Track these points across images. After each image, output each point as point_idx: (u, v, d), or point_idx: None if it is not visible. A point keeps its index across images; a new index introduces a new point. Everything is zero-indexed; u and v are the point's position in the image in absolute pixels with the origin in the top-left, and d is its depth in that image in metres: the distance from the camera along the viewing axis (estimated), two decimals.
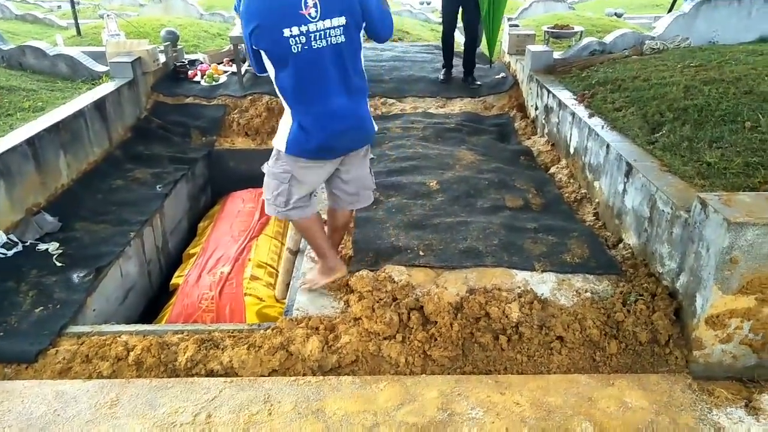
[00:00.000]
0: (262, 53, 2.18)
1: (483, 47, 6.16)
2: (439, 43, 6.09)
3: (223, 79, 5.76)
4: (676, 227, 2.46)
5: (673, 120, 3.31)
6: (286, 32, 2.08)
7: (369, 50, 7.12)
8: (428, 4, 15.48)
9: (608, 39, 5.41)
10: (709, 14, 5.20)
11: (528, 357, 2.35)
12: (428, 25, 10.83)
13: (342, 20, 2.16)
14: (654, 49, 5.14)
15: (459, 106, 5.50)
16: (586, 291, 2.60)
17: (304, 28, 2.10)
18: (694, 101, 3.42)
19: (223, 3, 11.56)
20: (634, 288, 2.58)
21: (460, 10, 5.53)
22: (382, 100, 5.57)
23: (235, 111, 5.29)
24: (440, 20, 11.87)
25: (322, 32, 2.13)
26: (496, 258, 2.85)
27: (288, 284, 3.05)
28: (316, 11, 2.10)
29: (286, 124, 2.34)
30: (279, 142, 2.37)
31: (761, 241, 2.06)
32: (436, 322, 2.45)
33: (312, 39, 2.12)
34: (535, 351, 2.36)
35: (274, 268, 3.64)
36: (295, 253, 3.15)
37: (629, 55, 5.13)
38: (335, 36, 2.17)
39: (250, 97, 5.33)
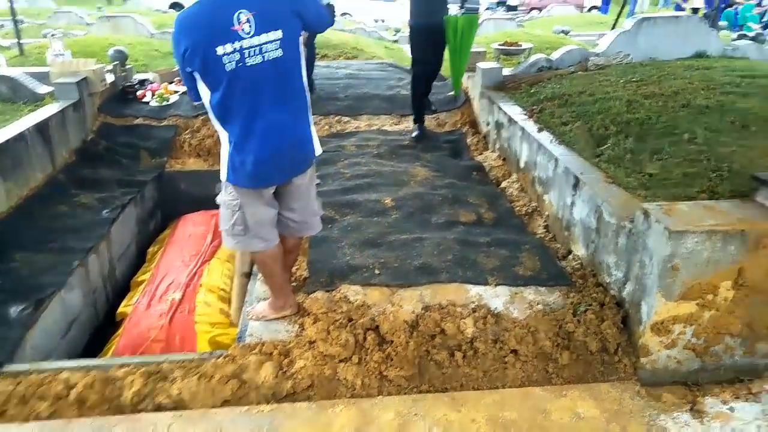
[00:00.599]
0: (196, 76, 2.10)
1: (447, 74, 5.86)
2: (394, 61, 6.12)
3: (174, 98, 5.66)
4: (621, 237, 2.53)
5: (617, 133, 3.42)
6: (219, 50, 2.01)
7: (323, 68, 7.14)
8: (382, 22, 15.67)
9: (555, 56, 5.57)
10: (649, 31, 5.42)
11: (483, 372, 2.36)
12: (382, 43, 10.94)
13: (278, 34, 2.10)
14: (598, 65, 5.32)
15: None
16: (538, 303, 2.64)
17: (237, 45, 2.03)
18: (636, 115, 3.55)
19: (173, 21, 11.42)
20: (583, 298, 2.63)
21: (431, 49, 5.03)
22: (337, 117, 5.57)
23: (187, 131, 5.19)
24: (394, 38, 12.04)
25: (257, 48, 2.07)
26: (451, 274, 2.87)
27: (242, 308, 2.99)
28: (250, 26, 2.04)
29: (224, 151, 2.24)
30: (222, 172, 2.28)
31: (700, 248, 2.13)
32: (392, 342, 2.44)
33: (246, 55, 2.05)
34: (490, 366, 2.38)
35: (227, 292, 3.56)
36: (248, 275, 3.10)
37: (575, 71, 5.30)
38: (272, 51, 2.10)
39: (202, 117, 5.24)
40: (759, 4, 16.38)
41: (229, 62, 2.03)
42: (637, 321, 2.35)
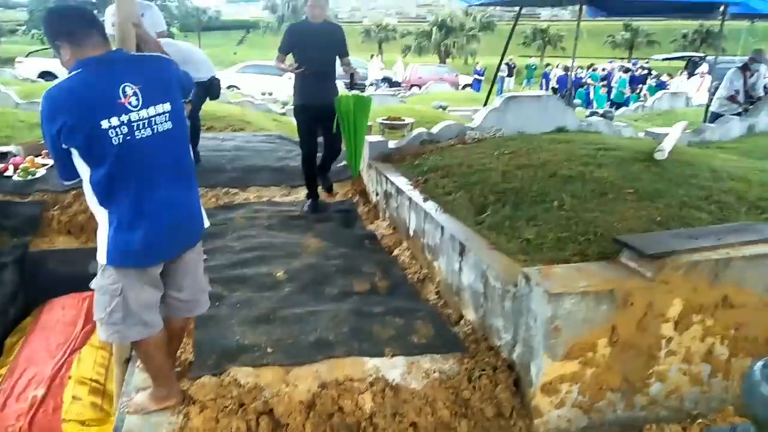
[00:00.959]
0: (74, 152, 1.97)
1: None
2: (283, 133, 6.15)
3: (41, 172, 5.22)
4: (507, 301, 2.66)
5: (495, 202, 3.66)
6: (105, 124, 1.92)
7: (209, 140, 7.01)
8: (270, 95, 15.88)
9: (436, 129, 5.93)
10: (516, 108, 5.97)
11: None
12: (271, 115, 11.04)
13: (167, 106, 2.08)
14: (475, 138, 5.74)
15: (304, 193, 5.56)
16: (434, 371, 2.65)
17: (125, 118, 1.96)
18: (510, 184, 3.83)
19: (43, 91, 10.74)
20: (477, 363, 2.69)
21: (318, 130, 4.96)
22: (224, 189, 5.44)
23: (56, 207, 4.78)
24: (282, 111, 12.21)
25: (146, 120, 2.02)
26: (347, 347, 2.82)
27: None
28: (137, 99, 1.99)
29: (103, 232, 2.08)
30: (100, 254, 2.10)
31: (576, 308, 2.29)
32: (288, 425, 2.31)
33: (135, 129, 1.98)
34: None
35: (101, 384, 3.21)
36: (127, 360, 2.82)
37: (454, 143, 5.66)
38: (161, 123, 2.06)
39: (74, 192, 4.87)
40: (605, 85, 18.84)
41: (116, 136, 1.95)
42: (528, 383, 2.44)
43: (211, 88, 5.78)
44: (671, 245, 2.50)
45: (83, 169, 2.01)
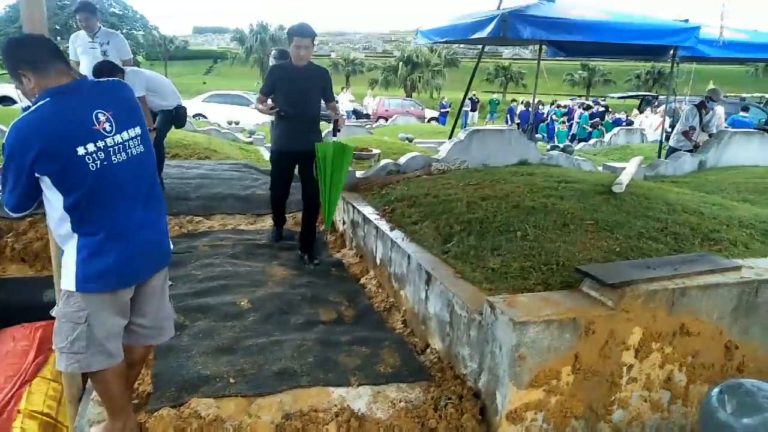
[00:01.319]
0: (45, 181, 1.96)
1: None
2: (249, 161, 6.11)
3: None
4: (472, 329, 2.67)
5: (461, 231, 3.71)
6: (81, 150, 1.94)
7: (174, 168, 6.93)
8: (237, 123, 15.84)
9: (402, 160, 6.01)
10: (480, 141, 6.12)
11: None
12: (236, 144, 10.99)
13: (138, 130, 2.14)
14: (440, 169, 5.84)
15: (269, 222, 5.51)
16: (400, 401, 2.63)
17: (101, 144, 1.99)
18: (475, 215, 3.90)
19: (2, 118, 10.44)
20: (443, 392, 2.69)
21: (293, 177, 4.65)
22: (188, 217, 5.35)
23: (10, 234, 4.61)
24: (249, 140, 12.17)
25: (121, 145, 2.06)
26: (312, 377, 2.77)
27: None
28: (111, 125, 2.03)
29: (70, 258, 2.06)
30: (66, 280, 2.07)
31: (541, 336, 2.32)
32: None
33: (111, 153, 2.02)
34: None
35: (53, 418, 3.05)
36: (79, 398, 2.70)
37: (420, 174, 5.75)
38: (135, 147, 2.11)
39: (30, 219, 4.71)
40: (564, 122, 19.50)
41: (93, 162, 1.97)
42: (494, 411, 2.44)
43: (177, 117, 5.75)
44: (630, 275, 2.58)
45: (54, 197, 1.99)
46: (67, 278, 2.07)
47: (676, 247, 3.24)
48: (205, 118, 16.81)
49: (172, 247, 2.37)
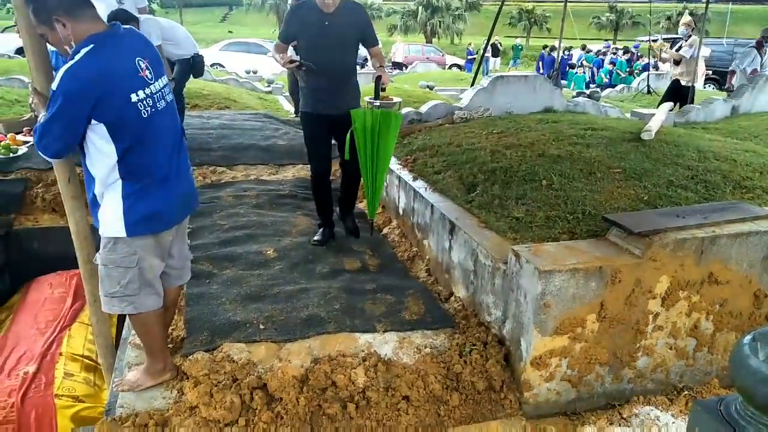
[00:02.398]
0: (98, 128, 1.97)
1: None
2: (269, 111, 5.99)
3: (23, 150, 5.12)
4: (497, 278, 2.69)
5: (485, 181, 3.68)
6: (134, 97, 1.99)
7: (195, 118, 6.92)
8: (255, 73, 15.66)
9: (423, 109, 5.91)
10: (504, 88, 5.97)
11: (377, 422, 2.33)
12: (256, 94, 10.90)
13: (165, 80, 2.19)
14: (462, 118, 5.74)
15: (292, 172, 5.53)
16: (425, 347, 2.69)
17: (147, 91, 2.05)
18: (499, 164, 3.85)
19: (22, 67, 10.46)
20: (468, 339, 2.73)
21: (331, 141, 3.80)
22: (211, 168, 5.39)
23: (40, 185, 4.71)
24: (268, 89, 12.04)
25: (160, 93, 2.12)
26: (339, 323, 2.84)
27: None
28: (150, 73, 2.08)
29: (115, 205, 2.10)
30: (112, 228, 2.12)
31: (566, 285, 2.32)
32: (282, 399, 2.33)
33: (156, 100, 2.09)
34: (383, 414, 2.35)
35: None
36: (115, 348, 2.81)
37: (442, 123, 5.66)
38: (167, 95, 2.18)
39: None
40: (582, 66, 18.85)
41: (144, 108, 2.02)
42: (518, 357, 2.48)
43: (194, 66, 5.69)
44: (659, 223, 2.54)
45: (104, 145, 2.01)
46: (112, 225, 2.12)
47: (707, 196, 3.18)
48: (223, 67, 16.64)
49: None
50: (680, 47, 7.75)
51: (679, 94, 8.08)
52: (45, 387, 2.90)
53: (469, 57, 23.74)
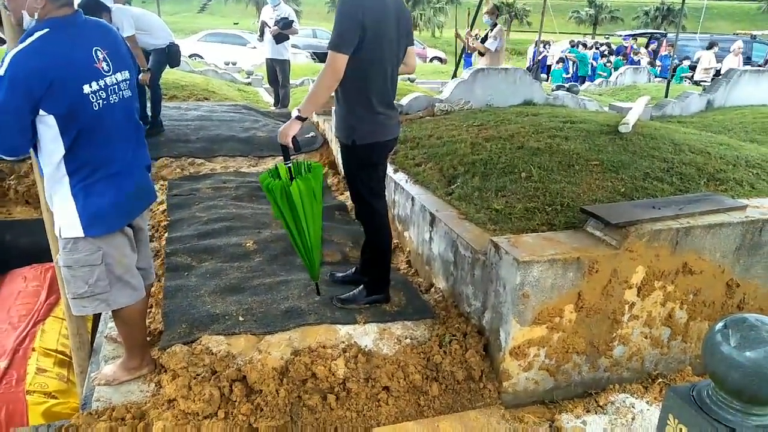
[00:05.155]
0: (47, 120, 1.86)
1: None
2: (248, 103, 5.90)
3: None
4: (476, 269, 2.71)
5: (465, 173, 3.70)
6: (86, 88, 1.90)
7: (173, 109, 6.82)
8: (234, 64, 15.47)
9: (404, 101, 5.90)
10: (484, 81, 5.99)
11: (357, 412, 2.34)
12: (235, 85, 10.78)
13: (127, 74, 2.12)
14: (443, 110, 5.75)
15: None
16: (406, 338, 2.70)
17: (101, 83, 1.97)
18: (479, 156, 3.87)
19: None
20: (447, 329, 2.75)
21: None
22: (189, 160, 5.32)
23: (12, 177, 4.60)
24: (247, 81, 11.89)
25: (115, 86, 2.05)
26: (319, 315, 2.83)
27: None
28: (107, 65, 2.00)
29: (68, 204, 2.01)
30: (68, 229, 2.02)
31: (545, 276, 2.35)
32: (261, 391, 2.32)
33: (110, 93, 2.01)
34: (363, 405, 2.36)
35: (67, 355, 3.14)
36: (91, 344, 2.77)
37: (423, 116, 5.67)
38: (124, 90, 2.10)
39: (30, 161, 4.68)
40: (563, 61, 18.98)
41: (96, 101, 1.94)
42: (497, 347, 2.50)
43: (170, 55, 5.60)
44: (635, 215, 2.58)
45: (52, 138, 1.91)
46: (69, 226, 2.02)
47: (682, 187, 3.23)
48: (202, 58, 16.40)
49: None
50: (486, 38, 7.29)
51: None
52: (16, 383, 2.84)
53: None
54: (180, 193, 4.51)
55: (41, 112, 1.85)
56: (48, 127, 1.89)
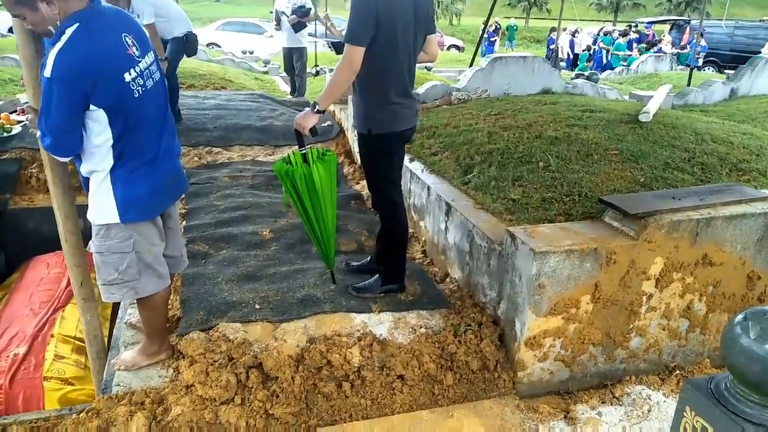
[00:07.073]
0: (95, 114, 1.86)
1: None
2: (265, 92, 5.92)
3: (17, 129, 5.07)
4: (492, 259, 2.69)
5: (481, 162, 3.67)
6: (127, 76, 1.90)
7: (190, 98, 6.86)
8: (251, 53, 15.50)
9: (421, 90, 5.86)
10: (502, 69, 5.93)
11: (372, 400, 2.35)
12: (252, 74, 10.81)
13: (152, 56, 2.09)
14: (460, 99, 5.70)
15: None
16: (420, 327, 2.70)
17: (138, 69, 1.96)
18: (496, 145, 3.84)
19: (14, 47, 10.33)
20: (462, 319, 2.75)
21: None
22: (207, 149, 5.36)
23: (34, 165, 4.68)
24: (264, 70, 11.90)
25: (147, 71, 2.03)
26: (335, 303, 2.85)
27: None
28: (137, 50, 1.98)
29: (106, 191, 2.02)
30: (103, 215, 2.04)
31: (561, 266, 2.33)
32: (277, 378, 2.35)
33: (145, 79, 2.00)
34: (378, 393, 2.37)
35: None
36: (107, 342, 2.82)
37: (440, 104, 5.63)
38: (154, 73, 2.08)
39: None
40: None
41: (136, 88, 1.93)
42: (513, 337, 2.50)
43: (188, 44, 5.61)
44: (654, 205, 2.54)
45: (101, 130, 1.92)
46: (105, 211, 2.05)
47: (703, 178, 3.18)
48: (219, 47, 16.46)
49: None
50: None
51: None
52: (34, 369, 2.90)
53: (491, 39, 23.21)
54: (198, 182, 4.55)
55: (91, 107, 1.85)
56: (95, 120, 1.90)
